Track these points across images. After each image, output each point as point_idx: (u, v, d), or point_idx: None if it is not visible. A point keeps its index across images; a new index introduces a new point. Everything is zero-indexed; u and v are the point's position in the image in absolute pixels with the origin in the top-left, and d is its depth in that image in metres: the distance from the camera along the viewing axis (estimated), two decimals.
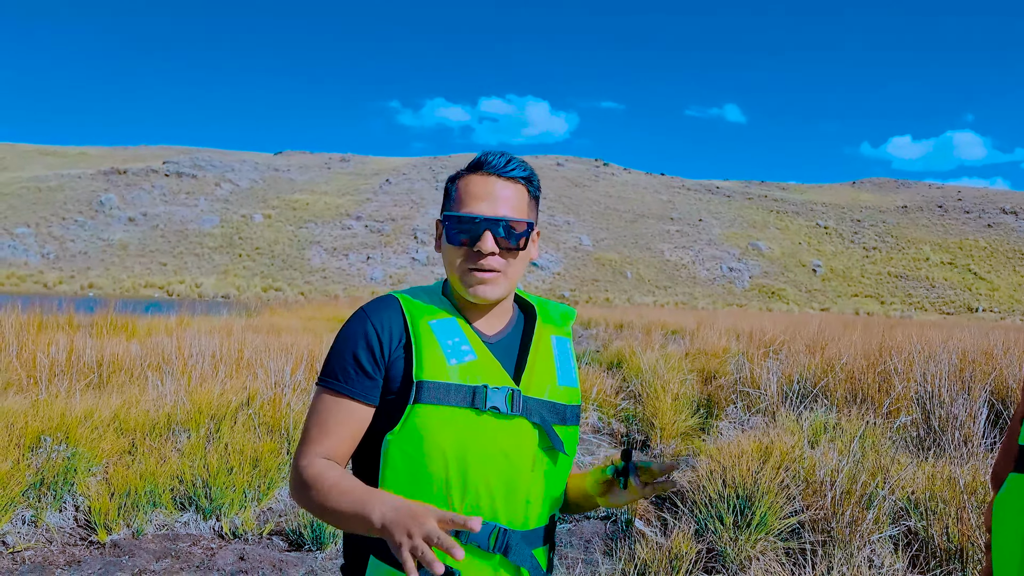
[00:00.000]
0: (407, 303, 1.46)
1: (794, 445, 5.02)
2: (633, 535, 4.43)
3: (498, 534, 1.37)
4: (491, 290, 1.44)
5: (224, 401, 5.88)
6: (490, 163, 1.46)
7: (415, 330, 1.41)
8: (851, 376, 7.87)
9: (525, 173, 1.49)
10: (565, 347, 1.57)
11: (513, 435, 1.40)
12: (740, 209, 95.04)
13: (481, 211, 1.42)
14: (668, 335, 18.26)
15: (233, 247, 71.29)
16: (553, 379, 1.49)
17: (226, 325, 13.39)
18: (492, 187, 1.45)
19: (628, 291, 66.64)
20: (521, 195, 1.48)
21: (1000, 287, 73.29)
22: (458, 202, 1.45)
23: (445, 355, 1.39)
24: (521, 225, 1.45)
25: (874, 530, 4.06)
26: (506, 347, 1.49)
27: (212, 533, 4.45)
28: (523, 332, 1.56)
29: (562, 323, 1.59)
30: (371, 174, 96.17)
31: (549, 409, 1.45)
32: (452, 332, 1.43)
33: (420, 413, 1.35)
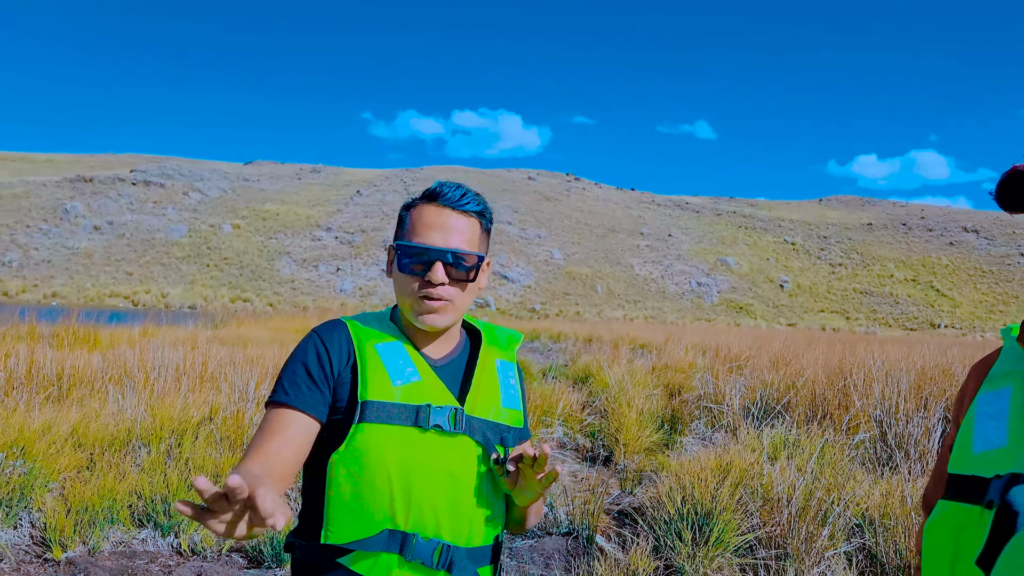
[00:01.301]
0: (354, 327, 1.51)
1: (753, 462, 5.09)
2: (593, 552, 4.46)
3: (442, 550, 1.40)
4: (440, 319, 1.48)
5: (186, 416, 5.83)
6: (445, 195, 1.49)
7: (361, 352, 1.45)
8: (812, 393, 7.99)
9: (479, 207, 1.52)
10: (509, 370, 1.61)
11: (456, 453, 1.44)
12: (709, 225, 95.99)
13: (434, 242, 1.46)
14: (636, 349, 18.37)
15: (201, 257, 70.50)
16: (497, 401, 1.53)
17: (191, 337, 13.25)
18: (446, 218, 1.48)
19: (598, 305, 66.91)
20: (474, 228, 1.52)
21: (962, 304, 74.69)
22: (411, 231, 1.48)
23: (390, 376, 1.43)
24: (472, 258, 1.49)
25: (829, 546, 4.13)
26: (452, 370, 1.53)
27: (170, 550, 4.41)
28: (469, 356, 1.60)
29: (507, 347, 1.64)
30: (342, 185, 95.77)
31: (492, 429, 1.49)
32: (397, 355, 1.47)
33: (364, 431, 1.38)
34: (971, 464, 1.16)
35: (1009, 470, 1.07)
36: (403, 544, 1.38)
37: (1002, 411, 1.16)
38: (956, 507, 1.14)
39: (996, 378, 1.22)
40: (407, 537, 1.38)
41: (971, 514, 1.10)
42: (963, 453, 1.19)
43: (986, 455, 1.14)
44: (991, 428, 1.16)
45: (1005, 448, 1.11)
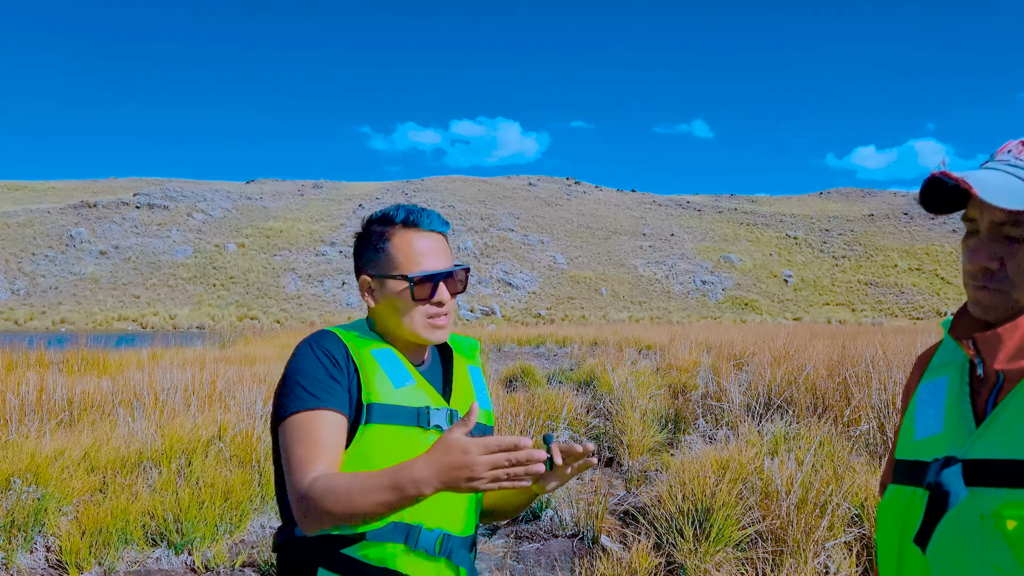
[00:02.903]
0: (344, 335, 1.60)
1: (753, 457, 5.16)
2: (597, 552, 4.55)
3: (443, 540, 1.52)
4: (445, 333, 1.63)
5: (195, 435, 5.93)
6: (423, 221, 1.60)
7: (359, 358, 1.55)
8: (813, 386, 8.06)
9: (448, 226, 1.67)
10: (478, 374, 1.76)
11: None
12: (711, 223, 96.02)
13: (440, 266, 1.59)
14: (641, 351, 18.44)
15: (207, 277, 70.82)
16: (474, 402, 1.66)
17: (199, 357, 13.37)
18: (434, 241, 1.61)
19: (603, 308, 66.98)
20: (447, 244, 1.66)
21: None
22: (408, 260, 1.57)
23: (390, 380, 1.54)
24: (463, 271, 1.64)
25: (828, 537, 4.21)
26: (432, 375, 1.66)
27: (184, 567, 4.51)
28: (442, 361, 1.73)
29: (471, 354, 1.78)
30: (344, 199, 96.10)
31: (475, 428, 1.61)
32: (390, 360, 1.58)
33: (371, 432, 1.49)
34: (913, 450, 1.24)
35: (944, 454, 1.15)
36: (408, 534, 1.49)
37: (939, 400, 1.24)
38: (902, 490, 1.23)
39: (935, 368, 1.31)
40: (412, 528, 1.49)
41: (914, 496, 1.19)
42: (906, 439, 1.28)
43: (926, 441, 1.22)
44: (930, 416, 1.24)
45: (941, 434, 1.19)
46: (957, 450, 1.14)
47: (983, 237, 1.15)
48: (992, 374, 1.18)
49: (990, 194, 1.08)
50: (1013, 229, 1.11)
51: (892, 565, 1.22)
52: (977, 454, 1.10)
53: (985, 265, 1.13)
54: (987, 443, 1.10)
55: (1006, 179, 1.11)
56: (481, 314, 62.19)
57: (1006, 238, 1.12)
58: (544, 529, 5.24)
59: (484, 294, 68.50)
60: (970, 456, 1.11)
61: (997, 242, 1.13)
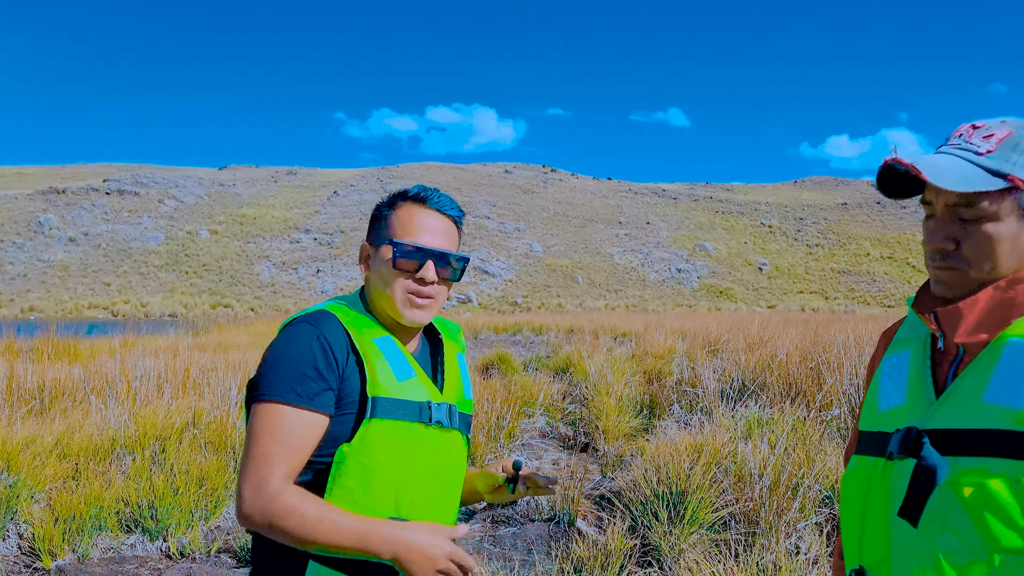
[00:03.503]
0: (346, 318, 1.53)
1: (727, 441, 5.23)
2: (573, 535, 4.59)
3: None
4: (425, 315, 1.56)
5: (169, 422, 5.89)
6: (432, 199, 1.58)
7: (363, 346, 1.49)
8: (786, 372, 8.16)
9: (461, 213, 1.63)
10: (463, 361, 1.72)
11: (453, 447, 1.56)
12: (686, 211, 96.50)
13: (428, 242, 1.54)
14: (617, 338, 18.55)
15: (179, 264, 70.04)
16: (462, 393, 1.64)
17: (172, 344, 13.26)
18: (435, 221, 1.57)
19: (580, 296, 67.17)
20: (454, 231, 1.61)
21: None
22: (402, 231, 1.54)
23: (394, 372, 1.49)
24: (458, 260, 1.59)
25: (799, 518, 4.28)
26: (422, 363, 1.62)
27: (159, 554, 4.49)
28: (431, 348, 1.69)
29: (457, 338, 1.74)
30: (319, 186, 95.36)
31: (463, 419, 1.61)
32: (392, 350, 1.53)
33: (376, 426, 1.43)
34: (877, 421, 1.29)
35: (905, 424, 1.20)
36: None
37: (902, 372, 1.28)
38: (864, 460, 1.28)
39: (899, 343, 1.35)
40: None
41: (876, 466, 1.23)
42: (870, 411, 1.33)
43: (888, 412, 1.27)
44: (893, 388, 1.29)
45: (903, 405, 1.24)
46: (918, 420, 1.18)
47: (939, 219, 1.19)
48: (953, 347, 1.22)
49: (939, 178, 1.13)
50: (966, 210, 1.15)
51: (855, 531, 1.26)
52: (936, 424, 1.15)
53: (942, 246, 1.18)
54: (946, 414, 1.15)
55: (956, 163, 1.16)
56: (457, 302, 62.11)
57: (960, 219, 1.17)
58: (520, 513, 5.27)
59: (461, 281, 68.40)
60: (930, 426, 1.15)
61: (952, 223, 1.17)
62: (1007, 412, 1.08)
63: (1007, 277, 1.16)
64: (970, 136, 1.19)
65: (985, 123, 1.21)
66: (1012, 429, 1.06)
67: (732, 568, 3.36)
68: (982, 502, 1.06)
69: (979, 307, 1.16)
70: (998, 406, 1.09)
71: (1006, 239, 1.15)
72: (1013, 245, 1.15)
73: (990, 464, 1.07)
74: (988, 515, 1.06)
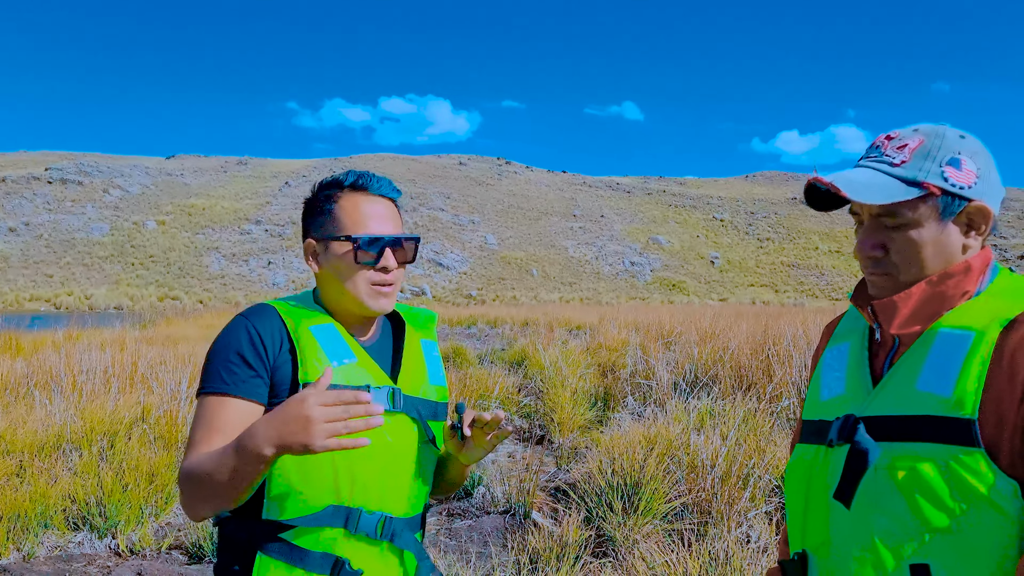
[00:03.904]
0: (284, 309, 1.53)
1: (680, 433, 5.31)
2: (528, 527, 4.62)
3: (384, 522, 1.49)
4: (390, 303, 1.56)
5: (117, 417, 5.77)
6: (372, 185, 1.55)
7: (297, 335, 1.48)
8: (738, 364, 8.31)
9: (399, 192, 1.61)
10: (432, 349, 1.70)
11: (397, 430, 1.52)
12: (640, 204, 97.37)
13: (385, 231, 1.53)
14: (571, 331, 18.66)
15: (125, 256, 68.42)
16: (426, 379, 1.62)
17: (119, 338, 12.96)
18: (382, 207, 1.55)
19: (534, 289, 67.36)
20: (398, 212, 1.60)
21: None
22: (353, 222, 1.52)
23: (328, 358, 1.47)
24: (412, 241, 1.58)
25: (750, 507, 4.37)
26: (379, 350, 1.60)
27: (108, 551, 4.40)
28: (393, 336, 1.67)
29: (426, 326, 1.72)
30: (270, 177, 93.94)
31: (424, 405, 1.58)
32: (331, 336, 1.52)
33: None
34: (819, 410, 1.35)
35: (846, 412, 1.26)
36: (347, 518, 1.45)
37: (842, 364, 1.36)
38: (807, 448, 1.34)
39: (839, 335, 1.43)
40: (351, 512, 1.45)
41: (818, 453, 1.30)
42: (813, 401, 1.40)
43: (830, 401, 1.33)
44: (834, 378, 1.36)
45: (843, 394, 1.31)
46: (856, 408, 1.25)
47: (866, 229, 1.27)
48: (889, 338, 1.30)
49: (857, 193, 1.20)
50: (889, 219, 1.23)
51: (799, 516, 1.33)
52: (873, 411, 1.22)
53: (871, 254, 1.25)
54: (882, 401, 1.22)
55: (872, 175, 1.23)
56: (411, 295, 61.81)
57: (886, 227, 1.24)
58: (476, 506, 5.29)
59: (414, 274, 68.07)
60: (867, 413, 1.22)
61: (878, 232, 1.25)
62: (937, 399, 1.14)
63: (938, 273, 1.23)
64: (885, 148, 1.26)
65: (899, 133, 1.27)
66: (942, 415, 1.13)
67: (685, 558, 3.42)
68: (914, 485, 1.13)
69: (912, 300, 1.23)
70: (929, 393, 1.16)
71: (929, 242, 1.22)
72: (937, 247, 1.22)
73: (921, 449, 1.14)
74: (919, 497, 1.12)
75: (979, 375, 1.12)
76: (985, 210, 1.23)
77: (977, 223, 1.24)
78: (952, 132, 1.25)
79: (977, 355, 1.13)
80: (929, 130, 1.25)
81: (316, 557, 1.43)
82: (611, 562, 3.96)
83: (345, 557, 1.45)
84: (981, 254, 1.26)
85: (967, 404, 1.11)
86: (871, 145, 1.30)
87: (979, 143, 1.25)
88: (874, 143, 1.30)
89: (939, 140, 1.23)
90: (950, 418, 1.12)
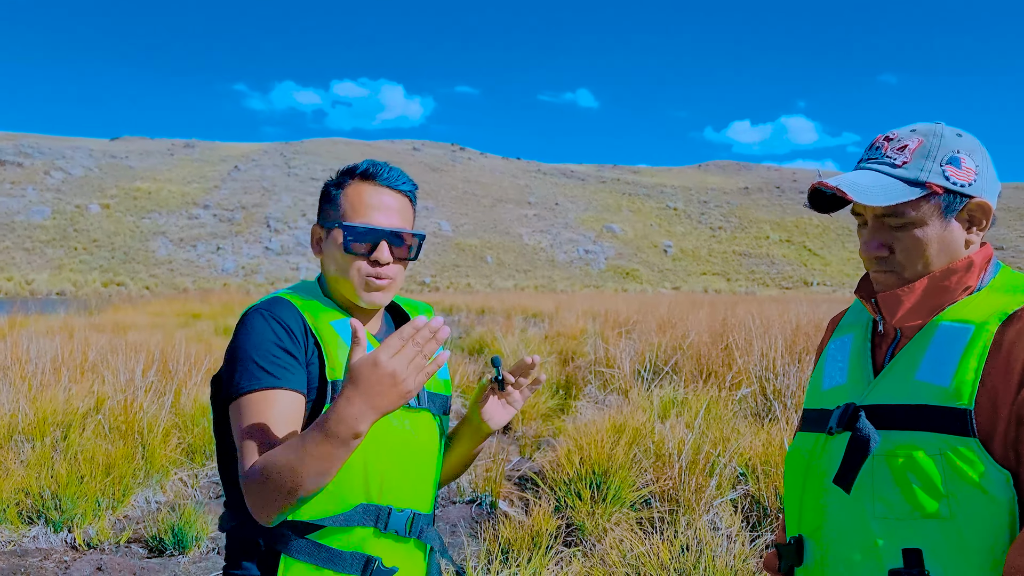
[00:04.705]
0: (302, 304, 1.48)
1: (645, 421, 5.34)
2: (497, 516, 4.61)
3: (413, 519, 1.46)
4: (384, 297, 1.51)
5: (71, 407, 5.60)
6: (381, 175, 1.51)
7: (319, 330, 1.44)
8: (698, 353, 8.40)
9: (413, 187, 1.56)
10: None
11: (422, 427, 1.50)
12: (594, 193, 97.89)
13: (380, 222, 1.48)
14: (528, 319, 18.70)
15: (68, 240, 66.57)
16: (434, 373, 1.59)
17: (66, 325, 12.63)
18: (386, 198, 1.50)
19: (489, 276, 67.36)
20: (408, 207, 1.55)
21: (832, 262, 79.33)
22: (352, 211, 1.48)
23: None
24: (415, 238, 1.52)
25: (716, 495, 4.42)
26: None
27: (65, 546, 4.27)
28: (396, 329, 1.63)
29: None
30: (219, 160, 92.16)
31: (436, 399, 1.56)
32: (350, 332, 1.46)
33: None
34: (820, 399, 1.39)
35: (846, 401, 1.30)
36: (378, 517, 1.41)
37: (844, 355, 1.39)
38: (807, 436, 1.38)
39: (843, 327, 1.47)
40: (382, 510, 1.42)
41: (817, 441, 1.33)
42: (815, 391, 1.43)
43: (831, 391, 1.37)
44: (836, 369, 1.40)
45: (844, 384, 1.35)
46: (856, 397, 1.29)
47: (871, 229, 1.30)
48: (891, 330, 1.33)
49: (863, 196, 1.23)
50: (893, 219, 1.26)
51: (796, 502, 1.36)
52: (873, 400, 1.25)
53: (876, 254, 1.29)
54: (882, 391, 1.25)
55: (875, 177, 1.27)
56: None
57: (890, 227, 1.27)
58: (442, 495, 5.26)
59: None
60: (867, 402, 1.26)
61: (883, 232, 1.28)
62: (936, 389, 1.18)
63: (941, 268, 1.26)
64: (886, 149, 1.29)
65: (897, 134, 1.30)
66: (939, 405, 1.17)
67: (658, 546, 3.44)
68: (909, 471, 1.16)
69: (915, 294, 1.27)
70: (928, 383, 1.19)
71: (933, 240, 1.25)
72: (940, 244, 1.26)
73: (918, 437, 1.17)
74: (915, 484, 1.16)
75: (977, 367, 1.16)
76: (985, 206, 1.26)
77: (978, 219, 1.27)
78: (949, 130, 1.28)
79: (976, 347, 1.17)
80: (927, 130, 1.28)
81: (346, 557, 1.40)
82: (581, 551, 3.97)
83: (375, 555, 1.42)
84: (982, 250, 1.30)
85: (964, 394, 1.15)
86: (870, 146, 1.33)
87: (975, 140, 1.29)
88: (873, 144, 1.32)
89: (937, 139, 1.26)
90: (947, 408, 1.16)
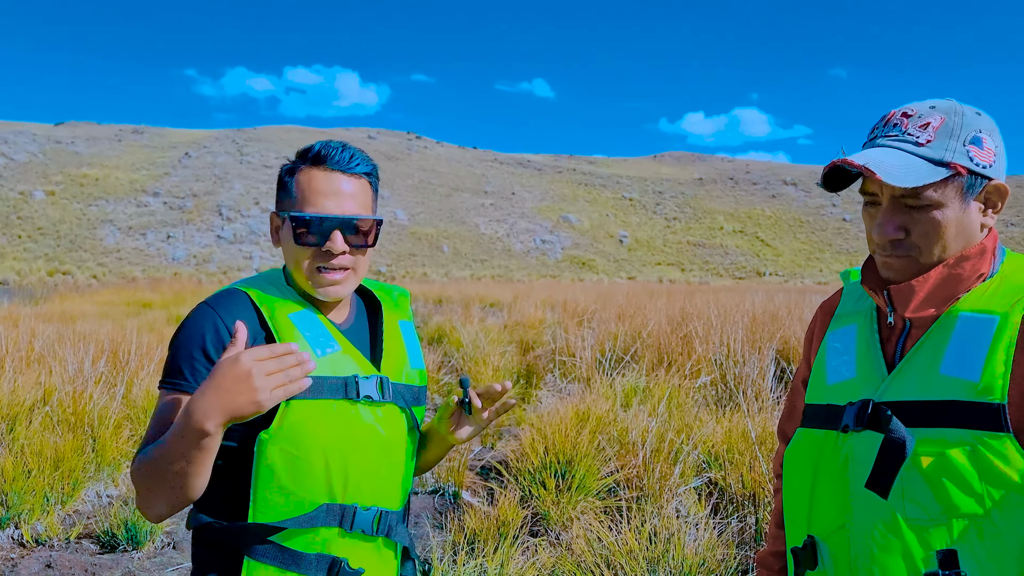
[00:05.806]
0: (258, 296, 1.41)
1: (608, 410, 5.34)
2: (462, 507, 4.56)
3: (380, 517, 1.40)
4: (342, 289, 1.43)
5: (16, 399, 5.40)
6: (333, 158, 1.41)
7: (275, 324, 1.37)
8: (657, 342, 8.44)
9: (369, 168, 1.46)
10: (410, 330, 1.60)
11: (387, 421, 1.42)
12: (551, 182, 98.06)
13: (329, 210, 1.39)
14: (487, 308, 18.65)
15: (11, 227, 64.56)
16: (407, 363, 1.52)
17: (10, 314, 12.24)
18: (338, 183, 1.41)
19: (445, 265, 67.11)
20: (365, 190, 1.45)
21: (784, 253, 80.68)
22: (301, 200, 1.40)
23: (312, 348, 1.37)
24: (369, 223, 1.43)
25: (681, 483, 4.43)
26: (356, 334, 1.50)
27: (11, 542, 4.11)
28: (368, 317, 1.57)
29: (401, 306, 1.61)
30: (169, 147, 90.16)
31: (407, 391, 1.49)
32: (311, 324, 1.41)
33: (296, 409, 1.32)
34: (826, 394, 1.31)
35: (860, 397, 1.23)
36: (342, 516, 1.36)
37: (849, 346, 1.32)
38: (812, 433, 1.30)
39: (842, 316, 1.39)
40: (346, 509, 1.36)
41: (827, 438, 1.26)
42: (818, 385, 1.35)
43: (839, 386, 1.30)
44: (841, 362, 1.32)
45: (854, 379, 1.27)
46: (871, 393, 1.22)
47: (886, 210, 1.21)
48: (901, 321, 1.27)
49: (891, 177, 1.15)
50: (912, 200, 1.18)
51: (803, 502, 1.29)
52: (891, 396, 1.19)
53: (893, 237, 1.20)
54: (900, 386, 1.19)
55: (900, 156, 1.18)
56: None
57: (907, 208, 1.20)
58: None
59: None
60: (885, 399, 1.19)
61: (900, 213, 1.20)
62: (964, 384, 1.12)
63: (955, 255, 1.20)
64: (906, 126, 1.22)
65: (916, 110, 1.23)
66: (969, 400, 1.11)
67: (627, 535, 3.43)
68: (942, 471, 1.11)
69: (929, 284, 1.20)
70: (955, 378, 1.13)
71: (952, 223, 1.19)
72: (959, 228, 1.19)
73: (948, 434, 1.11)
74: (948, 483, 1.10)
75: (1006, 359, 1.11)
76: (1003, 188, 1.21)
77: (994, 201, 1.22)
78: (969, 109, 1.22)
79: (1003, 339, 1.12)
80: (947, 107, 1.21)
81: (311, 559, 1.34)
82: (548, 540, 3.94)
83: (341, 556, 1.35)
84: (992, 235, 1.24)
85: (996, 389, 1.10)
86: (885, 122, 1.25)
87: (991, 120, 1.23)
88: (888, 120, 1.25)
89: (959, 118, 1.20)
90: (979, 403, 1.10)
